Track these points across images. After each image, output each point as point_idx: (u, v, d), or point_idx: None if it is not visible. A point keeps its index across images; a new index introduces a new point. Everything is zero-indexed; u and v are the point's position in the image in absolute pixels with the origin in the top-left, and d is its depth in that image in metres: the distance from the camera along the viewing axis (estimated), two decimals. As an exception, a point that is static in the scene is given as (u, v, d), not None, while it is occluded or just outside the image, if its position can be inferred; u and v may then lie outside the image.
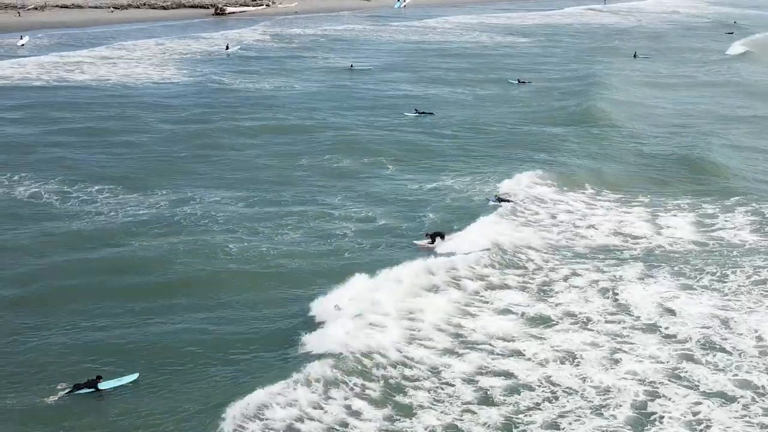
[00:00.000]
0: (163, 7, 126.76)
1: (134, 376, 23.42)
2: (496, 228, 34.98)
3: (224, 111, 58.70)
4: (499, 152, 48.58)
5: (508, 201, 38.72)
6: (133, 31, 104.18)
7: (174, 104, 61.16)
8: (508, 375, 23.19)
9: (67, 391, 22.86)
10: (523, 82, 71.78)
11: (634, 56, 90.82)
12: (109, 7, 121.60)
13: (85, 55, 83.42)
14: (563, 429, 20.89)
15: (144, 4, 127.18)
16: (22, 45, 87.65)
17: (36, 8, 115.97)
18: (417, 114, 58.25)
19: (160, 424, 21.23)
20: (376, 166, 45.47)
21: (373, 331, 25.31)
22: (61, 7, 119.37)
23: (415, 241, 34.06)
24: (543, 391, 22.22)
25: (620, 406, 21.74)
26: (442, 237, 33.94)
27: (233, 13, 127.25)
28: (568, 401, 21.84)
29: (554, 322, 26.79)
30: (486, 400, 21.89)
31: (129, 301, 28.35)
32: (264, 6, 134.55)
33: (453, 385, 22.54)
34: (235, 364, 24.11)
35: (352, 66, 78.22)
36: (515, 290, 29.38)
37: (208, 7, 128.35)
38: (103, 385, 22.96)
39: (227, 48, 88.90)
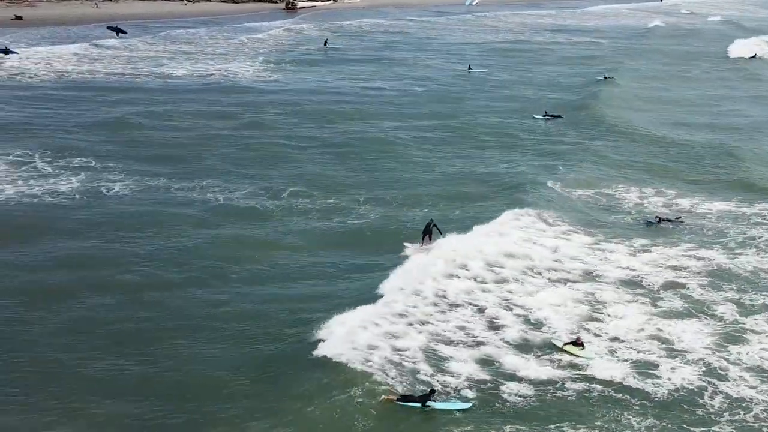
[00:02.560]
0: (234, 1, 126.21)
1: (467, 405, 21.41)
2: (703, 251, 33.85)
3: (353, 112, 57.15)
4: (664, 164, 46.81)
5: (670, 221, 36.27)
6: (211, 23, 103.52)
7: (296, 103, 59.60)
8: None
9: (395, 398, 21.21)
10: (610, 78, 71.22)
11: (754, 57, 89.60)
12: (183, 0, 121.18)
13: (175, 48, 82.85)
14: None
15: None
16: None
17: (111, 0, 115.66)
18: (546, 117, 57.40)
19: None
20: (543, 169, 44.26)
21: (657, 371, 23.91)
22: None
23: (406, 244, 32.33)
24: None
25: None
26: (430, 236, 31.82)
27: (303, 7, 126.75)
28: None
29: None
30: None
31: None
32: (332, 1, 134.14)
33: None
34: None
35: (470, 67, 77.45)
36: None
37: (277, 2, 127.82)
38: (432, 403, 21.07)
39: (326, 44, 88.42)
